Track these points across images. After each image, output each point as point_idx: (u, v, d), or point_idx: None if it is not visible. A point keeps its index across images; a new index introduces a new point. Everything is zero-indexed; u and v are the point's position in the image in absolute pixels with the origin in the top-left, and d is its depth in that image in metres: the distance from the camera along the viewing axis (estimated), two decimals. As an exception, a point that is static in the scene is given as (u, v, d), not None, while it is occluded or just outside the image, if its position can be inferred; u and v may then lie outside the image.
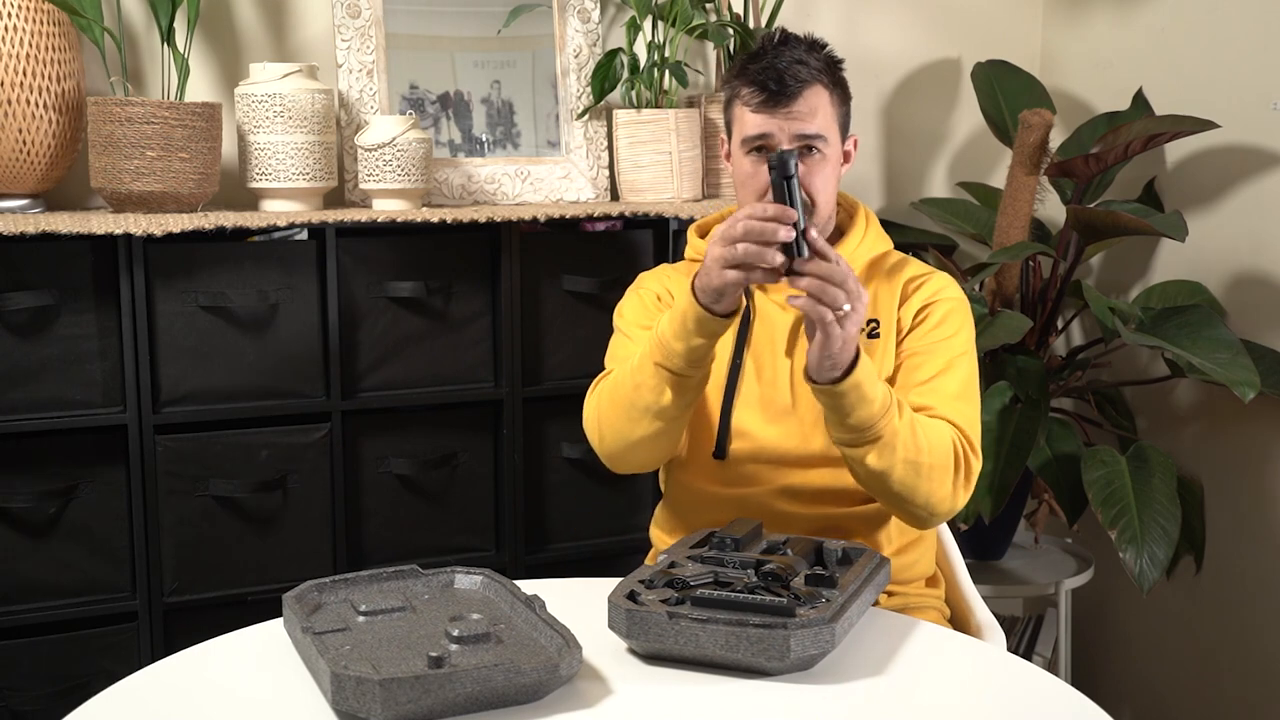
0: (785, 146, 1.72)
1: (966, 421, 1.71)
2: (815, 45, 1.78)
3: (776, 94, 1.72)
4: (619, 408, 1.71)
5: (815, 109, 1.73)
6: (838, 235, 1.84)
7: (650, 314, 1.84)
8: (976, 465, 1.69)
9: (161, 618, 2.14)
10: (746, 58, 1.78)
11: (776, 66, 1.72)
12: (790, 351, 1.80)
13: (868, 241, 1.83)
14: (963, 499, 1.69)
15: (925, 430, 1.65)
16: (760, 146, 1.74)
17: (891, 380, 1.77)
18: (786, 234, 1.51)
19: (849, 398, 1.57)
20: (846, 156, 1.82)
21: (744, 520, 1.61)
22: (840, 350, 1.55)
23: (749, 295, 1.82)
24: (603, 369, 1.81)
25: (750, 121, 1.74)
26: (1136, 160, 2.57)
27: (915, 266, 1.85)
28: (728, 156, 1.82)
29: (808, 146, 1.73)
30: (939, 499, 1.66)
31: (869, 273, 1.82)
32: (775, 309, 1.82)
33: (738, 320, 1.81)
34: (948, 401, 1.71)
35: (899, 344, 1.78)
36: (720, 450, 1.80)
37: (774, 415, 1.79)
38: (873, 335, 1.79)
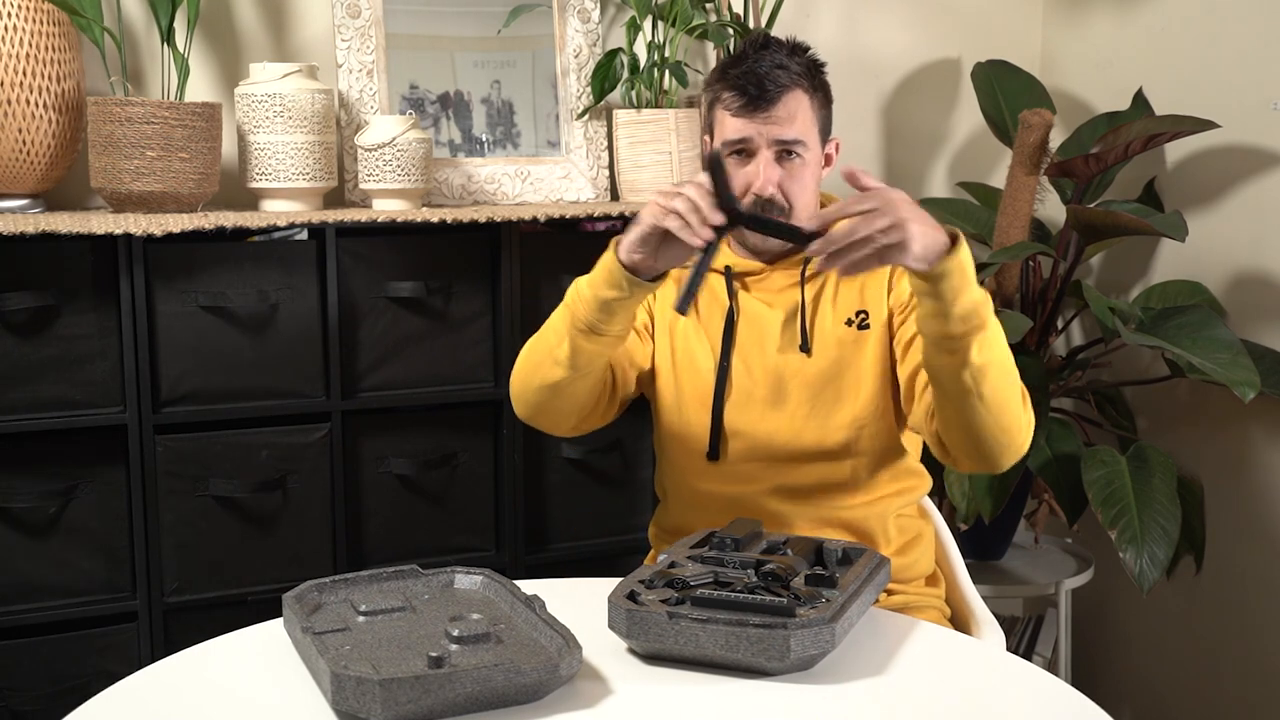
0: (764, 151, 1.73)
1: None
2: (797, 49, 1.78)
3: (756, 99, 1.72)
4: (528, 351, 1.73)
5: (794, 114, 1.73)
6: None
7: None
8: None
9: (161, 618, 2.14)
10: (728, 61, 1.79)
11: (756, 71, 1.72)
12: (777, 349, 1.80)
13: None
14: (1031, 434, 1.62)
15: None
16: (740, 150, 1.75)
17: (898, 363, 1.77)
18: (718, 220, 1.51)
19: (954, 278, 1.48)
20: (828, 159, 1.82)
21: (744, 520, 1.61)
22: (931, 239, 1.47)
23: (733, 296, 1.82)
24: None
25: (730, 126, 1.75)
26: (1136, 160, 2.57)
27: None
28: None
29: (786, 151, 1.73)
30: (1025, 423, 1.59)
31: None
32: (761, 307, 1.82)
33: (723, 323, 1.81)
34: None
35: (899, 324, 1.77)
36: (713, 451, 1.80)
37: (765, 413, 1.79)
38: (863, 326, 1.79)
